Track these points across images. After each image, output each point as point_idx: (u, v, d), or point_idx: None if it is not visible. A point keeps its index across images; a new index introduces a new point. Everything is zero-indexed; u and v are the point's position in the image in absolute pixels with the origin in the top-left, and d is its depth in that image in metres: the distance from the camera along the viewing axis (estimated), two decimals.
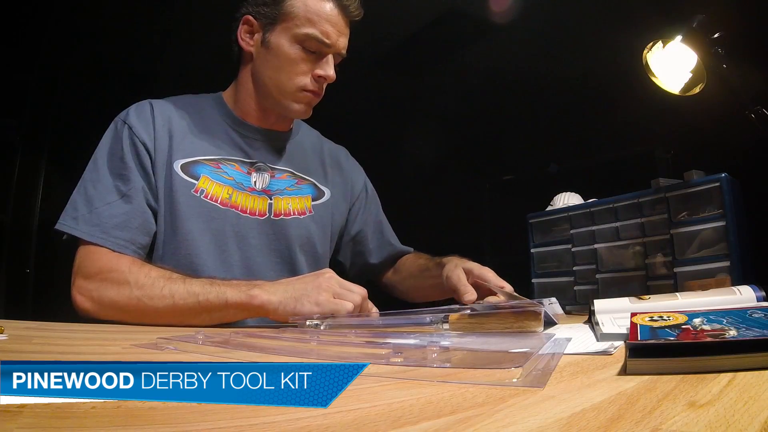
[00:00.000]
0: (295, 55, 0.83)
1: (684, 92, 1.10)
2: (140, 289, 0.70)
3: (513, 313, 0.52)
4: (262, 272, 0.86)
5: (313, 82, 0.85)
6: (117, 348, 0.44)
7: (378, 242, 1.06)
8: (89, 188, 0.78)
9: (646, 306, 0.60)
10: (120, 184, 0.79)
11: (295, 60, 0.84)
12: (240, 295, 0.69)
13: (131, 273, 0.72)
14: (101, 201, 0.77)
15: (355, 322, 0.66)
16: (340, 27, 0.84)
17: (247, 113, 0.91)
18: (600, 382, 0.29)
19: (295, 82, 0.85)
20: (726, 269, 1.10)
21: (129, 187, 0.79)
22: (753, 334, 0.33)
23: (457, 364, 0.35)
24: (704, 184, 1.17)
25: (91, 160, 0.82)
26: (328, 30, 0.82)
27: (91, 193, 0.78)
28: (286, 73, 0.85)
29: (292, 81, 0.85)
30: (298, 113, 0.88)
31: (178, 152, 0.84)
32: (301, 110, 0.88)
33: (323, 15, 0.83)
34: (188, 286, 0.70)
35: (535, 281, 1.53)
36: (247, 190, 0.87)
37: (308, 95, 0.86)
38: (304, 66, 0.84)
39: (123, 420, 0.20)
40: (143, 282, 0.71)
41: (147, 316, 0.71)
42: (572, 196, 1.55)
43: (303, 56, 0.84)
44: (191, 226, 0.81)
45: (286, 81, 0.85)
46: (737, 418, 0.21)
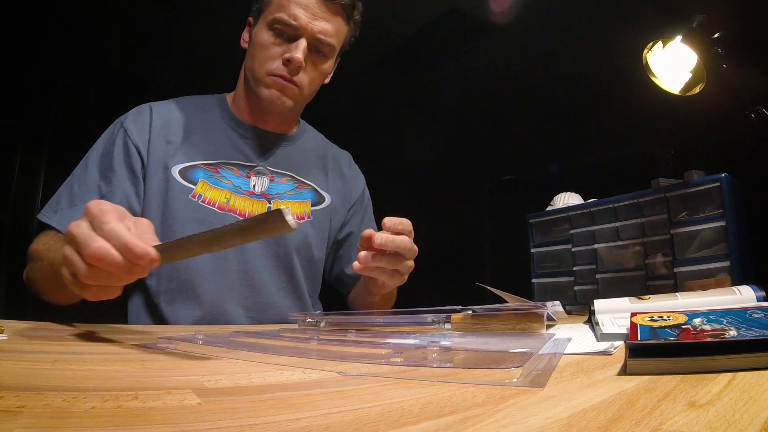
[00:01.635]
0: (267, 40, 0.82)
1: (684, 92, 1.10)
2: (35, 260, 0.73)
3: (515, 315, 0.52)
4: (261, 276, 0.86)
5: (281, 67, 0.82)
6: (117, 348, 0.44)
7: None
8: (75, 185, 0.79)
9: (646, 306, 0.60)
10: (103, 184, 0.79)
11: (266, 45, 0.83)
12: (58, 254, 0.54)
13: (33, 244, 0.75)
14: (82, 199, 0.77)
15: (355, 321, 0.65)
16: (314, 10, 0.82)
17: (242, 112, 0.91)
18: (600, 382, 0.29)
19: (264, 67, 0.83)
20: (726, 269, 1.10)
21: (110, 189, 0.79)
22: (753, 334, 0.33)
23: (457, 364, 0.35)
24: (704, 184, 1.17)
25: (84, 158, 0.83)
26: (296, 12, 0.81)
27: (75, 190, 0.79)
28: (257, 60, 0.84)
29: (262, 66, 0.83)
30: (270, 100, 0.85)
31: (176, 157, 0.84)
32: (272, 97, 0.84)
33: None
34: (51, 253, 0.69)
35: (535, 281, 1.53)
36: (245, 194, 0.87)
37: (278, 80, 0.83)
38: (274, 50, 0.82)
39: (123, 420, 0.20)
40: (36, 249, 0.73)
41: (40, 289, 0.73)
42: (572, 196, 1.55)
43: (273, 41, 0.82)
44: (188, 230, 0.81)
45: (257, 67, 0.84)
46: (737, 418, 0.21)
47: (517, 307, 0.52)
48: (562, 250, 1.47)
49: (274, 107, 0.86)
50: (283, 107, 0.86)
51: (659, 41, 1.09)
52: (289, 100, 0.85)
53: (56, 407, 0.21)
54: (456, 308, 0.57)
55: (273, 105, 0.85)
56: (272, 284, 0.87)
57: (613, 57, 1.65)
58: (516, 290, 0.72)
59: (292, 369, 0.34)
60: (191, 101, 0.92)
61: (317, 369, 0.34)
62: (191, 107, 0.90)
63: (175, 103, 0.90)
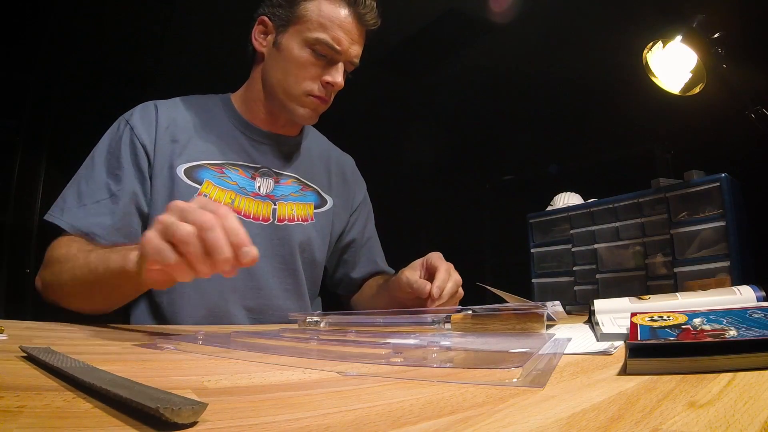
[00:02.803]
0: (305, 59, 0.82)
1: (684, 92, 1.10)
2: (57, 264, 0.70)
3: (516, 315, 0.52)
4: (265, 278, 0.86)
5: (320, 88, 0.84)
6: (117, 348, 0.44)
7: (364, 257, 1.04)
8: (82, 183, 0.78)
9: (646, 306, 0.60)
10: (112, 183, 0.79)
11: (304, 64, 0.83)
12: (119, 261, 0.59)
13: (57, 248, 0.72)
14: (91, 198, 0.77)
15: (356, 320, 0.66)
16: (353, 35, 0.83)
17: (255, 115, 0.91)
18: (600, 382, 0.29)
19: (302, 87, 0.84)
20: (726, 269, 1.10)
21: (119, 187, 0.78)
22: (753, 334, 0.33)
23: (457, 364, 0.35)
24: (704, 184, 1.17)
25: (89, 156, 0.82)
26: (339, 36, 0.81)
27: (83, 189, 0.78)
28: (293, 77, 0.84)
29: (299, 85, 0.84)
30: (303, 118, 0.87)
31: (182, 156, 0.83)
32: (306, 115, 0.86)
33: (336, 21, 0.82)
34: (88, 255, 0.66)
35: (535, 281, 1.53)
36: (250, 195, 0.87)
37: (315, 101, 0.85)
38: (312, 71, 0.83)
39: (123, 420, 0.20)
40: (59, 255, 0.70)
41: (63, 293, 0.70)
42: (572, 196, 1.55)
43: (312, 61, 0.83)
44: None
45: (293, 84, 0.84)
46: (737, 418, 0.21)
47: (517, 307, 0.52)
48: (562, 250, 1.47)
49: (303, 122, 0.90)
50: (311, 122, 0.90)
51: (659, 41, 1.09)
52: (317, 116, 0.89)
53: (56, 407, 0.21)
54: (456, 308, 0.57)
55: (304, 120, 0.89)
56: (276, 286, 0.87)
57: (613, 57, 1.65)
58: (516, 290, 0.72)
59: (292, 369, 0.34)
60: (196, 101, 0.92)
61: (317, 369, 0.34)
62: (196, 107, 0.90)
63: (181, 102, 0.90)
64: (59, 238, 0.74)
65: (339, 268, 1.04)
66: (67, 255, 0.69)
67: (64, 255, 0.70)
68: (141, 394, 0.21)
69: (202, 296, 0.80)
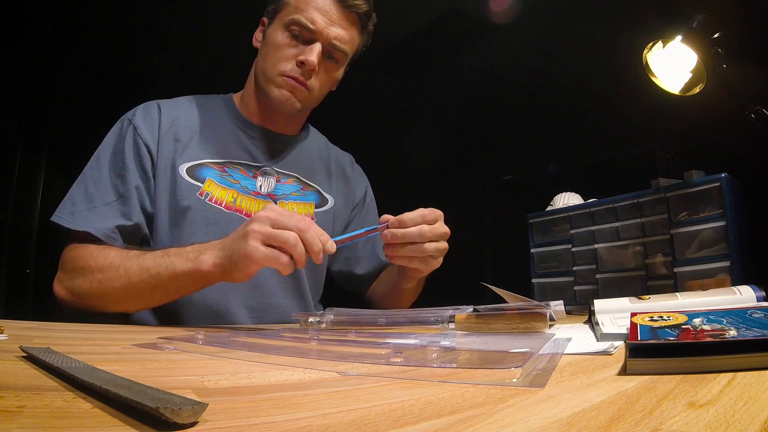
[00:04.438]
0: (282, 41, 0.83)
1: (684, 92, 1.10)
2: (100, 272, 0.70)
3: (519, 314, 0.52)
4: (265, 277, 0.86)
5: (293, 68, 0.83)
6: (117, 348, 0.44)
7: (367, 253, 1.03)
8: (89, 185, 0.78)
9: (646, 306, 0.60)
10: (119, 183, 0.79)
11: (281, 45, 0.83)
12: (188, 264, 0.66)
13: (92, 257, 0.72)
14: (101, 200, 0.77)
15: (357, 320, 0.66)
16: (332, 16, 0.83)
17: (251, 112, 0.91)
18: (600, 382, 0.29)
19: (277, 67, 0.84)
20: (726, 269, 1.10)
21: (126, 188, 0.79)
22: (753, 334, 0.33)
23: (457, 364, 0.35)
24: (704, 184, 1.17)
25: (94, 157, 0.82)
26: (314, 16, 0.82)
27: (92, 191, 0.78)
28: (271, 59, 0.84)
29: (274, 66, 0.84)
30: (279, 100, 0.85)
31: (184, 155, 0.84)
32: (282, 97, 0.85)
33: (312, 3, 0.82)
34: (141, 261, 0.69)
35: (535, 281, 1.53)
36: (252, 194, 0.87)
37: (289, 81, 0.84)
38: (288, 51, 0.83)
39: (123, 420, 0.20)
40: (102, 264, 0.70)
41: (110, 299, 0.70)
42: (572, 196, 1.55)
43: (288, 42, 0.83)
44: (195, 229, 0.81)
45: (269, 66, 0.84)
46: (737, 418, 0.21)
47: (520, 307, 0.52)
48: (562, 250, 1.47)
49: (282, 107, 0.87)
50: (291, 108, 0.86)
51: (659, 41, 1.09)
52: (298, 102, 0.86)
53: (56, 407, 0.21)
54: (458, 308, 0.57)
55: (282, 105, 0.86)
56: (276, 285, 0.87)
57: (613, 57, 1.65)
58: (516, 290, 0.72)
59: (292, 369, 0.34)
60: (198, 100, 0.92)
61: (317, 369, 0.34)
62: (198, 106, 0.90)
63: (182, 101, 0.90)
64: (82, 246, 0.74)
65: (342, 265, 1.04)
66: (112, 263, 0.70)
67: (107, 264, 0.70)
68: (141, 394, 0.21)
69: (203, 295, 0.80)
